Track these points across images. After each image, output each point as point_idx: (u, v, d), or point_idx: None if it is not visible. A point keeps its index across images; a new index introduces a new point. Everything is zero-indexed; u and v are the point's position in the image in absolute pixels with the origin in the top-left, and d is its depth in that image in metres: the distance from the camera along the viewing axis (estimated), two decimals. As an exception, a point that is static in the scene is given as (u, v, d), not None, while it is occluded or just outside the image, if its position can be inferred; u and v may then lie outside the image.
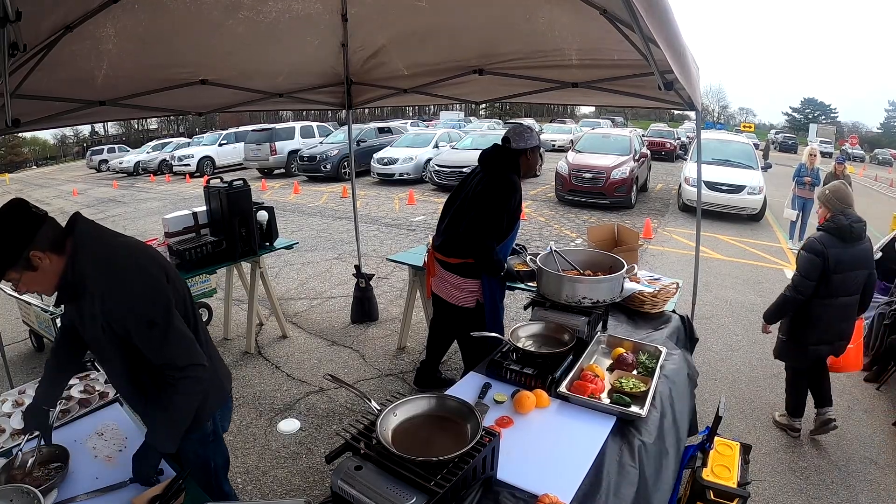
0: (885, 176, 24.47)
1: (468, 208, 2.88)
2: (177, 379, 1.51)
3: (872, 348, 3.98)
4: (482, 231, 2.78)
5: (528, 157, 2.86)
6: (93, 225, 1.54)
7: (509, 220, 2.84)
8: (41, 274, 1.41)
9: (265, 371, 4.02)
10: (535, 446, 1.69)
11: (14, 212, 1.38)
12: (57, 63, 2.26)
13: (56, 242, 1.42)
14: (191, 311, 1.68)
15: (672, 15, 1.61)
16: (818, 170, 7.81)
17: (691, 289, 3.48)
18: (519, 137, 2.82)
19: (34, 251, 1.37)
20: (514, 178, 2.81)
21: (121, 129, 47.70)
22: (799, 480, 2.84)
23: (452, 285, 3.04)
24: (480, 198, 2.82)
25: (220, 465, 1.90)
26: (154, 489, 1.54)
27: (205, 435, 1.80)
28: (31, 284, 1.44)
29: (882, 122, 60.70)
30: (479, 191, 2.84)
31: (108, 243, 1.53)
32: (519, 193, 2.82)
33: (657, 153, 18.84)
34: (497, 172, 2.84)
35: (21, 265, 1.37)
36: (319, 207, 11.01)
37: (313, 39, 3.29)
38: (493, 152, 2.91)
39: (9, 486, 1.48)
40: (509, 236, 2.91)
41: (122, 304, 1.46)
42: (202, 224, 4.01)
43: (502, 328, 3.06)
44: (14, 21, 1.42)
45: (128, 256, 1.52)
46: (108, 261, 1.47)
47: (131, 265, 1.50)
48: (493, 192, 2.78)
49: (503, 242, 2.88)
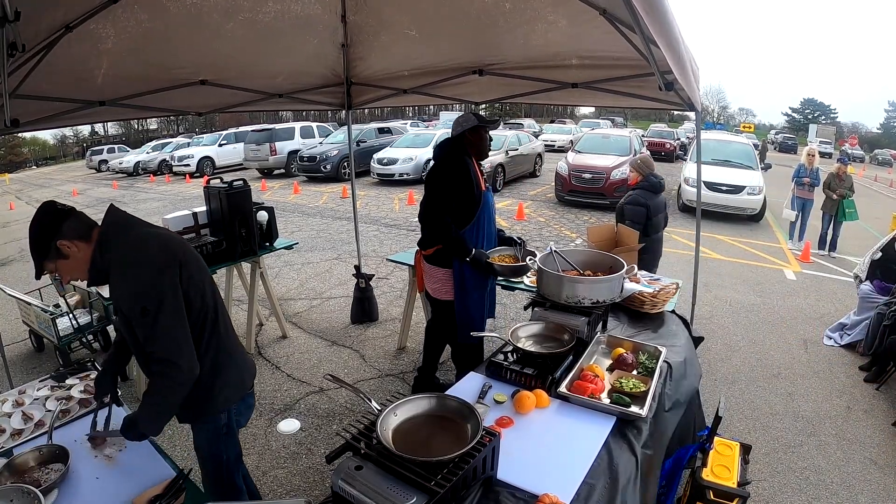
0: (885, 176, 24.48)
1: None
2: (153, 372, 1.57)
3: (872, 348, 3.98)
4: (432, 210, 2.90)
5: (469, 137, 2.91)
6: (121, 215, 1.66)
7: (462, 198, 2.86)
8: (73, 261, 1.57)
9: (265, 371, 4.02)
10: (535, 446, 1.69)
11: (42, 211, 1.58)
12: (57, 63, 2.26)
13: (82, 232, 1.57)
14: (210, 302, 1.70)
15: (672, 16, 1.61)
16: (818, 170, 7.82)
17: (691, 289, 3.49)
18: (456, 124, 2.93)
19: (61, 241, 1.54)
20: (458, 159, 2.87)
21: (121, 130, 47.63)
22: (799, 480, 2.84)
23: (434, 278, 3.08)
24: (427, 181, 2.97)
25: (232, 459, 1.91)
26: (154, 489, 1.55)
27: (218, 427, 1.81)
28: (67, 272, 1.61)
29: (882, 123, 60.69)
30: (427, 176, 3.00)
31: (128, 231, 1.62)
32: (465, 171, 2.84)
33: (657, 153, 18.84)
34: (441, 157, 2.97)
35: (53, 255, 1.55)
36: (319, 208, 11.01)
37: (312, 39, 3.29)
38: (439, 143, 3.05)
39: (9, 486, 1.48)
40: (473, 219, 2.90)
41: (125, 288, 1.57)
42: (202, 224, 4.01)
43: (479, 322, 3.04)
44: (13, 21, 1.41)
45: (140, 244, 1.59)
46: (122, 248, 1.58)
47: (140, 254, 1.57)
48: (436, 173, 2.92)
49: (469, 226, 2.89)
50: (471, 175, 2.85)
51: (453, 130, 2.95)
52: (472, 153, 2.93)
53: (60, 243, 1.53)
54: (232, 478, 1.91)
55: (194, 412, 1.78)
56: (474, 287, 2.97)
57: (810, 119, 57.85)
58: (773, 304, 5.52)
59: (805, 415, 3.46)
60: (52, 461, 1.68)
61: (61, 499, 1.54)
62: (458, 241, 2.85)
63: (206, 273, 1.74)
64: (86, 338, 3.95)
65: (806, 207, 7.91)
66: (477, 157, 2.97)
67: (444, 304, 3.09)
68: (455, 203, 2.86)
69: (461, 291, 2.96)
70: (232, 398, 1.81)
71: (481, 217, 2.93)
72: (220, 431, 1.82)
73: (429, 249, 3.04)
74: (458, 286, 2.96)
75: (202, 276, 1.70)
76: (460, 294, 2.97)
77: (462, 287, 2.95)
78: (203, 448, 1.86)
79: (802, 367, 4.13)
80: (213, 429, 1.81)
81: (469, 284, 2.95)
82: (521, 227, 8.89)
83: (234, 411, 1.83)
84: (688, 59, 2.08)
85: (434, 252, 3.01)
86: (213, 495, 1.83)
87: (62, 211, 1.58)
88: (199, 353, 1.64)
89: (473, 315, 3.01)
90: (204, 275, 1.72)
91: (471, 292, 2.97)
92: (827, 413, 3.49)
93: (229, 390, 1.79)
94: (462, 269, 2.92)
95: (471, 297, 2.98)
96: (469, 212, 2.89)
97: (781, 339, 4.65)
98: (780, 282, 6.33)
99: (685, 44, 1.95)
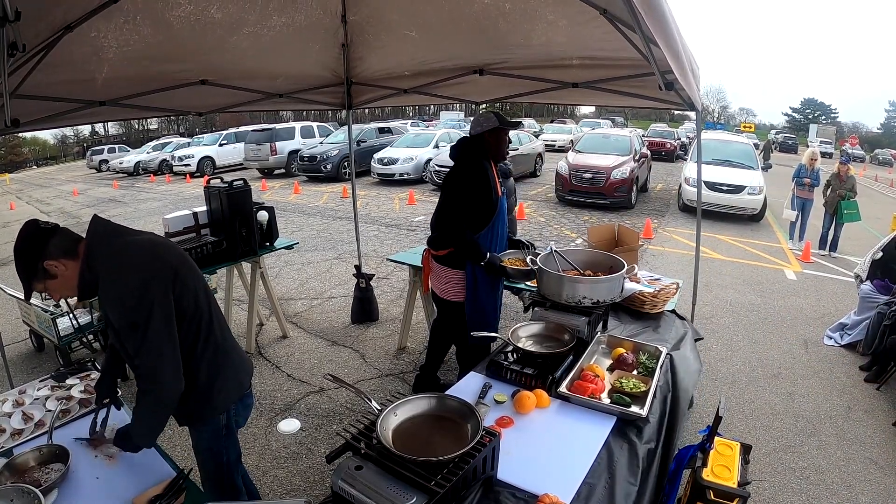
0: (886, 176, 24.46)
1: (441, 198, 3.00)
2: (139, 388, 1.56)
3: (872, 348, 3.98)
4: (448, 215, 2.88)
5: (488, 139, 2.88)
6: (105, 225, 1.61)
7: (479, 204, 2.84)
8: (61, 280, 1.54)
9: (265, 371, 4.02)
10: (536, 446, 1.69)
11: (23, 232, 1.52)
12: (57, 63, 2.25)
13: (68, 249, 1.53)
14: (204, 306, 1.68)
15: (672, 16, 1.61)
16: (818, 170, 7.81)
17: (691, 289, 3.48)
18: (475, 123, 2.90)
19: (47, 261, 1.49)
20: (477, 163, 2.85)
21: (121, 129, 47.64)
22: (799, 480, 2.83)
23: (443, 279, 3.05)
24: (445, 184, 2.95)
25: (232, 460, 1.90)
26: (154, 489, 1.55)
27: (218, 428, 1.80)
28: (57, 291, 1.59)
29: (882, 123, 60.62)
30: (445, 178, 2.96)
31: (114, 242, 1.57)
32: (484, 176, 2.82)
33: (657, 153, 18.82)
34: (459, 159, 2.94)
35: (41, 276, 1.51)
36: (320, 207, 11.01)
37: (314, 44, 3.30)
38: (457, 143, 3.02)
39: (9, 486, 1.48)
40: (489, 224, 2.88)
41: (114, 301, 1.53)
42: (202, 224, 4.01)
43: (491, 325, 3.02)
44: (14, 21, 1.41)
45: (125, 254, 1.54)
46: (108, 259, 1.53)
47: (126, 264, 1.53)
48: (455, 177, 2.88)
49: (484, 230, 2.88)
50: (489, 180, 2.83)
51: (472, 129, 2.90)
52: (489, 155, 2.90)
53: (47, 264, 1.49)
54: (232, 478, 1.91)
55: (194, 415, 1.78)
56: (486, 290, 2.97)
57: (811, 119, 57.83)
58: (773, 304, 5.52)
59: (805, 415, 3.46)
60: (52, 461, 1.68)
61: (61, 499, 1.54)
62: (473, 245, 2.82)
63: (198, 276, 1.71)
64: (86, 337, 3.95)
65: (806, 207, 7.91)
66: (494, 160, 2.94)
67: (452, 305, 3.07)
68: (472, 208, 2.83)
69: (473, 294, 2.95)
70: (230, 399, 1.80)
71: (496, 222, 2.91)
72: (220, 433, 1.81)
73: (441, 251, 3.02)
74: (471, 288, 2.94)
75: (195, 281, 1.67)
76: (472, 296, 2.96)
77: (475, 289, 2.94)
78: (203, 449, 1.85)
79: (803, 367, 4.12)
80: (212, 430, 1.80)
81: (481, 287, 2.94)
82: (522, 226, 8.89)
83: (233, 412, 1.83)
84: (688, 58, 2.08)
85: (446, 254, 2.98)
86: (212, 496, 1.83)
87: (45, 230, 1.53)
88: (195, 357, 1.65)
89: (486, 317, 3.00)
90: (197, 278, 1.69)
91: (483, 295, 2.96)
92: (827, 413, 3.49)
93: (227, 392, 1.78)
94: (475, 272, 2.91)
95: (483, 300, 2.97)
96: (485, 217, 2.87)
97: (782, 339, 4.65)
98: (781, 282, 6.33)
99: (685, 43, 1.95)
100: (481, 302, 2.96)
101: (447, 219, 2.89)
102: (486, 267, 2.84)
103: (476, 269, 2.89)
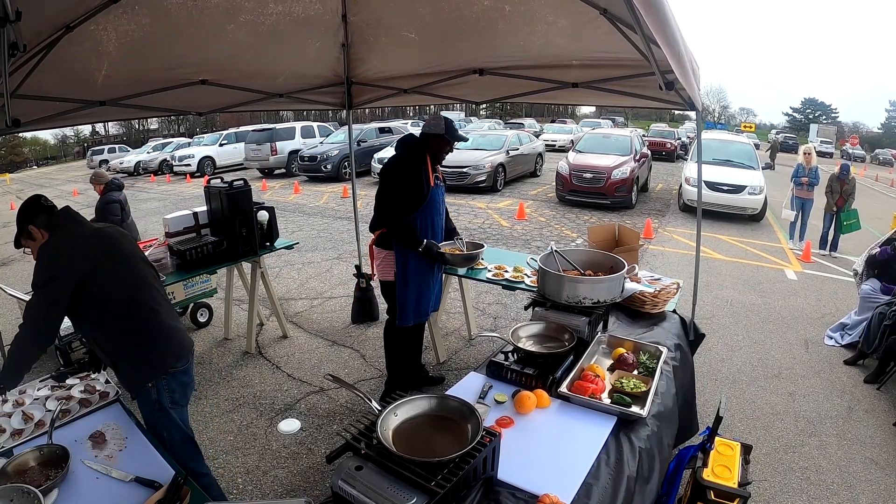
0: (886, 176, 24.42)
1: None
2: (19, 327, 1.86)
3: (872, 348, 3.97)
4: (381, 200, 3.07)
5: (431, 142, 3.07)
6: (74, 216, 2.04)
7: (410, 189, 3.00)
8: (37, 243, 1.96)
9: (265, 371, 4.02)
10: (536, 446, 1.69)
11: (28, 201, 2.01)
12: (57, 63, 2.25)
13: (48, 224, 1.97)
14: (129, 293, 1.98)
15: (672, 15, 1.61)
16: (816, 169, 7.79)
17: (692, 289, 3.48)
18: (428, 123, 3.10)
19: (32, 226, 1.95)
20: (414, 156, 3.05)
21: (121, 129, 47.68)
22: (800, 481, 2.83)
23: (378, 260, 3.23)
24: (382, 172, 3.15)
25: (176, 440, 2.07)
26: (157, 494, 1.54)
27: (150, 402, 2.03)
28: (34, 251, 1.99)
29: (883, 122, 60.49)
30: (383, 167, 3.16)
31: (69, 227, 1.98)
32: (417, 168, 3.01)
33: (658, 153, 18.83)
34: (399, 152, 3.15)
35: (25, 235, 1.97)
36: (320, 207, 11.01)
37: (314, 41, 3.29)
38: (404, 137, 3.24)
39: (9, 486, 1.48)
40: (421, 207, 3.03)
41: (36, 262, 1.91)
42: (203, 224, 4.01)
43: (420, 309, 3.19)
44: (14, 21, 1.41)
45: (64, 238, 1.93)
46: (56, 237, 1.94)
47: (57, 244, 1.91)
48: (391, 166, 3.10)
49: (416, 213, 3.03)
50: (421, 172, 3.02)
51: (423, 128, 3.11)
52: (428, 155, 3.09)
53: (31, 227, 1.94)
54: (183, 461, 1.94)
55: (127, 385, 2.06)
56: (416, 272, 3.11)
57: (811, 119, 57.80)
58: (773, 304, 5.51)
59: (806, 415, 3.46)
60: (52, 461, 1.68)
61: (61, 499, 1.55)
62: (409, 231, 3.00)
63: (134, 271, 2.05)
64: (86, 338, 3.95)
65: (805, 207, 7.89)
66: (432, 160, 3.12)
67: (385, 285, 3.25)
68: (403, 194, 3.01)
69: (403, 272, 3.11)
70: (151, 375, 2.01)
71: (429, 210, 3.10)
72: (154, 408, 2.03)
73: (376, 232, 3.19)
74: (400, 268, 3.11)
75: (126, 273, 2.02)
76: (402, 274, 3.11)
77: (404, 268, 3.10)
78: (149, 427, 2.03)
79: (803, 367, 4.12)
80: (147, 405, 2.03)
81: (411, 271, 3.10)
82: (522, 226, 8.89)
83: (164, 388, 2.01)
84: (688, 58, 2.08)
85: (379, 235, 3.16)
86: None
87: (42, 204, 1.99)
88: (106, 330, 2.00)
89: (412, 298, 3.15)
90: (130, 273, 2.03)
91: (413, 276, 3.11)
92: (828, 413, 3.48)
93: (149, 367, 2.01)
94: (405, 255, 3.07)
95: (413, 280, 3.12)
96: (415, 204, 3.04)
97: (782, 339, 4.64)
98: (781, 282, 6.32)
99: (685, 43, 1.94)
100: (411, 282, 3.11)
101: (382, 204, 3.07)
102: (423, 253, 3.03)
103: (406, 251, 3.06)
